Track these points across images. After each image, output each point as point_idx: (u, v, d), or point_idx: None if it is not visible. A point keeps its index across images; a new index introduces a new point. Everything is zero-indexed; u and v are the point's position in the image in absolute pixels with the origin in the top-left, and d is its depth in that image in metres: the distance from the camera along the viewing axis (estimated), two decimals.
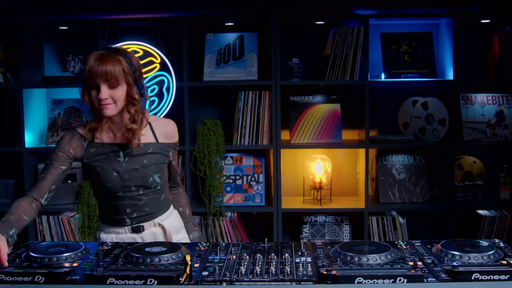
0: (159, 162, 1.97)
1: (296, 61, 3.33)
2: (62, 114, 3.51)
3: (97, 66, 1.78)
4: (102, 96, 1.78)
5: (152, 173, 1.95)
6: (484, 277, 1.41)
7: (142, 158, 1.93)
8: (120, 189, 1.93)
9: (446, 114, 3.30)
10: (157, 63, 3.22)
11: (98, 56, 1.80)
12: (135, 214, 1.96)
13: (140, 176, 1.93)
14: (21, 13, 3.14)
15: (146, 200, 1.97)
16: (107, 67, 1.77)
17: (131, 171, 1.92)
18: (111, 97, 1.80)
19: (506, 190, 3.34)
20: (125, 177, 1.92)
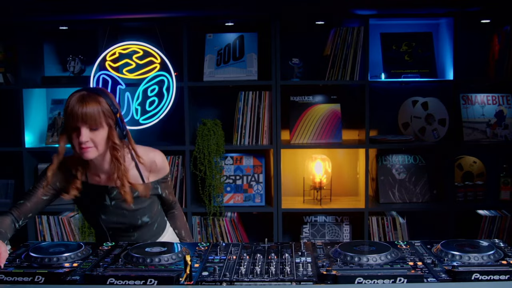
0: (147, 204, 1.94)
1: (296, 61, 3.33)
2: (62, 114, 3.51)
3: (77, 107, 1.71)
4: (83, 139, 1.72)
5: (139, 216, 1.93)
6: (484, 277, 1.41)
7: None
8: (110, 230, 1.94)
9: (446, 114, 3.30)
10: (157, 63, 3.22)
11: (79, 98, 1.73)
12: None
13: (128, 220, 1.93)
14: (21, 13, 3.14)
15: (138, 235, 1.98)
16: (87, 109, 1.72)
17: (118, 215, 1.91)
18: (92, 140, 1.74)
19: (506, 190, 3.34)
20: (113, 220, 1.92)
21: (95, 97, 1.75)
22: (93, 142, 1.75)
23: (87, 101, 1.73)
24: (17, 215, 1.85)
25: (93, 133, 1.75)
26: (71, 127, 1.75)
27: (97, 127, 1.75)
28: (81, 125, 1.72)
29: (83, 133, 1.73)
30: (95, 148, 1.77)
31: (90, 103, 1.73)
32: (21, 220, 1.86)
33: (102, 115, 1.75)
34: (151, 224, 2.00)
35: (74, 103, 1.73)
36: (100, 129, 1.76)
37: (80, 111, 1.71)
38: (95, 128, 1.75)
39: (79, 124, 1.72)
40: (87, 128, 1.74)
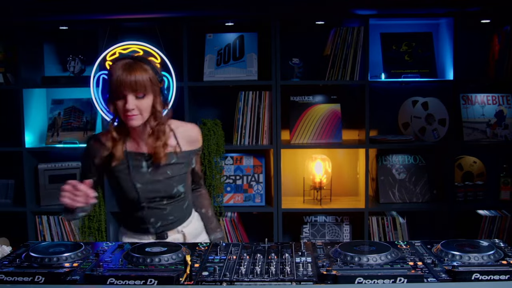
0: (183, 172, 1.94)
1: (296, 61, 3.33)
2: (62, 114, 3.51)
3: (125, 75, 1.73)
4: (129, 107, 1.74)
5: (175, 184, 1.92)
6: (484, 277, 1.41)
7: (165, 168, 1.90)
8: (144, 200, 1.90)
9: (446, 114, 3.30)
10: (157, 63, 3.21)
11: (126, 66, 1.75)
12: (159, 223, 1.94)
13: (163, 187, 1.90)
14: (21, 13, 3.14)
15: (170, 209, 1.95)
16: (135, 77, 1.73)
17: (155, 182, 1.89)
18: (138, 108, 1.76)
19: (506, 190, 3.34)
20: (149, 188, 1.89)
21: (141, 65, 1.76)
22: (139, 109, 1.77)
23: (134, 68, 1.74)
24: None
25: (139, 100, 1.76)
26: (118, 95, 1.75)
27: (144, 94, 1.76)
28: (128, 92, 1.74)
29: (129, 100, 1.74)
30: (141, 116, 1.79)
31: (138, 70, 1.74)
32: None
33: (149, 83, 1.76)
34: (183, 199, 1.98)
35: (121, 71, 1.73)
36: (146, 97, 1.77)
37: (128, 79, 1.72)
38: (141, 96, 1.76)
39: (126, 91, 1.74)
40: (134, 95, 1.75)
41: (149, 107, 1.79)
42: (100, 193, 3.35)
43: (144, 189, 1.89)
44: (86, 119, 3.50)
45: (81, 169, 1.93)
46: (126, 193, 1.90)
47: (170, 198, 1.94)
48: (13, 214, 3.47)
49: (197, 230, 2.07)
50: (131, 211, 1.94)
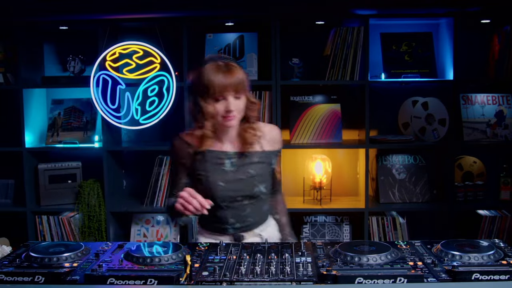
0: (265, 172, 1.94)
1: (296, 61, 3.33)
2: (62, 114, 3.51)
3: (226, 78, 1.74)
4: (231, 108, 1.76)
5: (257, 183, 1.90)
6: (484, 277, 1.41)
7: (248, 168, 1.89)
8: (226, 199, 1.88)
9: (446, 114, 3.30)
10: (157, 63, 3.22)
11: (221, 68, 1.76)
12: (237, 224, 1.93)
13: (245, 186, 1.89)
14: (21, 13, 3.14)
15: (250, 211, 1.93)
16: (236, 79, 1.75)
17: (237, 181, 1.88)
18: (236, 109, 1.79)
19: (506, 190, 3.34)
20: (231, 187, 1.88)
21: (235, 66, 1.80)
22: (237, 110, 1.80)
23: (231, 70, 1.77)
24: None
25: (237, 101, 1.79)
26: (216, 97, 1.76)
27: (241, 95, 1.79)
28: (228, 94, 1.76)
29: (231, 102, 1.76)
30: (238, 116, 1.82)
31: (234, 71, 1.77)
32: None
33: (245, 82, 1.80)
34: (264, 200, 1.97)
35: (220, 73, 1.75)
36: (242, 97, 1.80)
37: (229, 80, 1.75)
38: (238, 97, 1.79)
39: (226, 93, 1.76)
40: (233, 96, 1.77)
41: (243, 107, 1.82)
42: (100, 193, 3.36)
43: (227, 188, 1.87)
44: (86, 119, 3.50)
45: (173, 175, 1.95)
46: (208, 192, 1.87)
47: (251, 198, 1.92)
48: (13, 214, 3.47)
49: (274, 236, 2.03)
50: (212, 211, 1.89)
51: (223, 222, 1.92)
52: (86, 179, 3.41)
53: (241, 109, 1.82)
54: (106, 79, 3.21)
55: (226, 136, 1.90)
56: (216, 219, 1.93)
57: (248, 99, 1.84)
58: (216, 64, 1.78)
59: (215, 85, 1.75)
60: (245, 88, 1.80)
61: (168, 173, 3.36)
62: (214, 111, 1.79)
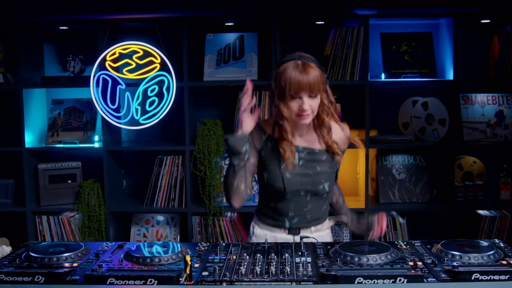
0: (331, 171, 1.94)
1: None
2: (62, 114, 3.51)
3: (300, 76, 1.76)
4: (305, 107, 1.77)
5: (323, 181, 1.91)
6: (484, 277, 1.41)
7: (315, 164, 1.91)
8: (289, 192, 1.89)
9: (446, 114, 3.30)
10: (157, 63, 3.22)
11: (298, 66, 1.78)
12: (296, 219, 1.93)
13: (311, 182, 1.90)
14: (21, 13, 3.14)
15: (311, 207, 1.94)
16: (312, 79, 1.77)
17: (303, 176, 1.89)
18: (311, 107, 1.80)
19: (506, 190, 3.34)
20: (296, 181, 1.88)
21: (312, 65, 1.80)
22: (311, 108, 1.81)
23: (307, 69, 1.78)
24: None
25: (312, 100, 1.80)
26: (291, 95, 1.78)
27: (317, 94, 1.80)
28: (303, 93, 1.77)
29: (305, 101, 1.78)
30: (312, 114, 1.82)
31: (311, 71, 1.78)
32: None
33: (321, 82, 1.80)
34: (325, 199, 1.98)
35: (297, 72, 1.77)
36: (317, 96, 1.81)
37: (305, 80, 1.76)
38: (314, 96, 1.80)
39: (301, 92, 1.77)
40: (308, 96, 1.78)
41: (318, 105, 1.83)
42: (100, 193, 3.36)
43: (292, 180, 1.88)
44: (86, 119, 3.50)
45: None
46: (273, 182, 1.88)
47: (314, 195, 1.92)
48: (13, 214, 3.47)
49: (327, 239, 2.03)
50: (273, 202, 1.93)
51: (282, 214, 1.93)
52: (86, 179, 3.41)
53: (315, 107, 1.82)
54: (106, 79, 3.21)
55: (299, 131, 1.91)
56: (276, 211, 1.94)
57: (323, 99, 1.85)
58: (293, 62, 1.80)
59: (289, 84, 1.77)
60: (320, 88, 1.80)
61: (168, 173, 3.36)
62: (289, 109, 1.81)
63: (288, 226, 1.94)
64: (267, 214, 1.99)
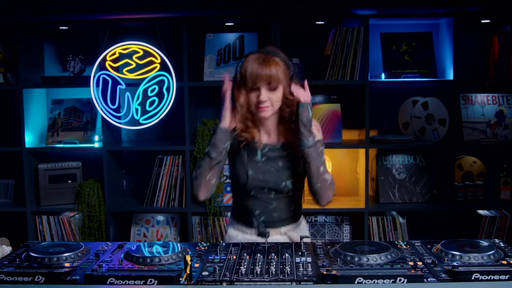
0: (294, 166, 1.93)
1: (296, 61, 3.33)
2: (62, 114, 3.51)
3: (260, 69, 1.78)
4: (263, 99, 1.79)
5: (285, 178, 1.91)
6: (484, 277, 1.41)
7: (278, 160, 1.91)
8: (253, 188, 1.91)
9: (446, 114, 3.30)
10: (157, 63, 3.22)
11: (261, 59, 1.81)
12: (263, 217, 1.94)
13: (273, 179, 1.90)
14: (21, 13, 3.14)
15: (276, 205, 1.94)
16: (270, 70, 1.79)
17: (265, 172, 1.90)
18: (269, 99, 1.81)
19: (506, 190, 3.34)
20: (259, 178, 1.90)
21: (274, 59, 1.81)
22: (271, 101, 1.82)
23: (268, 61, 1.80)
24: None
25: (272, 92, 1.81)
26: (250, 87, 1.81)
27: (276, 87, 1.81)
28: (261, 84, 1.79)
29: (263, 93, 1.80)
30: (271, 107, 1.83)
31: (272, 64, 1.80)
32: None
33: (282, 76, 1.81)
34: (291, 198, 1.97)
35: (256, 64, 1.80)
36: (277, 89, 1.82)
37: (263, 72, 1.78)
38: (274, 88, 1.81)
39: (260, 84, 1.79)
40: (267, 88, 1.80)
41: (279, 99, 1.84)
42: (100, 193, 3.36)
43: (255, 177, 1.90)
44: (86, 119, 3.50)
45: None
46: (238, 179, 1.92)
47: (278, 192, 1.93)
48: (13, 214, 3.47)
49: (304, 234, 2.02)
50: (241, 199, 1.96)
51: (249, 213, 1.95)
52: (86, 179, 3.41)
53: (275, 100, 1.83)
54: (106, 79, 3.21)
55: (263, 127, 1.92)
56: (245, 209, 1.96)
57: (286, 94, 1.85)
58: (257, 56, 1.82)
59: (248, 75, 1.80)
60: (280, 82, 1.80)
61: (168, 174, 3.36)
62: (249, 101, 1.84)
63: (256, 225, 1.95)
64: (238, 213, 2.01)
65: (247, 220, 1.96)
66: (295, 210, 2.02)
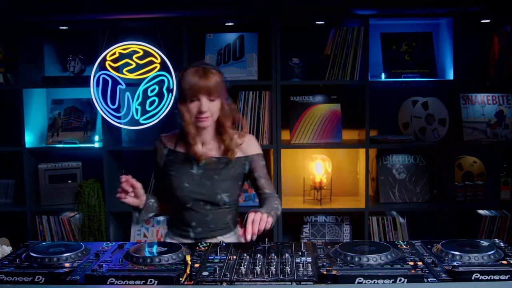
0: (230, 179, 1.98)
1: (296, 61, 3.33)
2: (62, 114, 3.51)
3: (199, 81, 1.85)
4: (203, 109, 1.86)
5: (220, 191, 1.96)
6: (484, 277, 1.41)
7: (213, 173, 1.97)
8: (189, 201, 1.97)
9: (446, 114, 3.30)
10: (157, 63, 3.22)
11: (199, 71, 1.88)
12: (199, 228, 1.99)
13: (208, 192, 1.96)
14: (21, 13, 3.14)
15: (213, 217, 1.99)
16: (210, 82, 1.86)
17: (201, 186, 1.96)
18: (210, 110, 1.88)
19: (506, 190, 3.34)
20: (195, 190, 1.96)
21: (213, 71, 1.91)
22: (210, 111, 1.89)
23: (207, 74, 1.88)
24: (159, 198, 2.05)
25: (211, 103, 1.89)
26: (191, 98, 1.88)
27: (215, 98, 1.89)
28: (202, 95, 1.87)
29: (203, 103, 1.87)
30: (211, 118, 1.91)
31: (211, 76, 1.88)
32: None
33: (220, 87, 1.91)
34: (227, 211, 2.01)
35: (195, 76, 1.87)
36: (216, 100, 1.91)
37: (204, 83, 1.86)
38: (213, 99, 1.89)
39: (200, 95, 1.87)
40: (207, 99, 1.88)
41: (218, 110, 1.92)
42: (100, 193, 3.36)
43: (191, 190, 1.96)
44: (86, 119, 3.50)
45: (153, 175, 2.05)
46: (174, 191, 1.97)
47: (214, 205, 1.98)
48: (13, 214, 3.47)
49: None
50: (177, 211, 2.01)
51: (186, 224, 2.00)
52: (86, 179, 3.41)
53: (214, 111, 1.90)
54: (106, 79, 3.21)
55: (200, 139, 1.98)
56: (181, 221, 2.01)
57: (223, 105, 1.93)
58: (197, 68, 1.90)
59: (189, 87, 1.86)
60: (219, 93, 1.89)
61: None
62: (189, 112, 1.90)
63: (193, 236, 1.99)
64: (175, 225, 2.05)
65: (184, 231, 2.01)
66: (232, 219, 2.07)
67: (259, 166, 2.05)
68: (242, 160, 2.01)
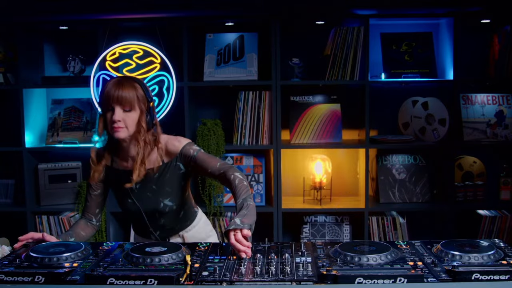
0: (169, 184, 2.00)
1: (296, 61, 3.33)
2: (62, 114, 3.51)
3: (113, 90, 1.86)
4: (116, 118, 1.85)
5: (162, 198, 2.00)
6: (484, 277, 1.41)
7: (151, 184, 1.99)
8: (137, 214, 2.02)
9: (446, 114, 3.30)
10: (157, 63, 3.23)
11: (116, 81, 1.89)
12: (158, 231, 2.07)
13: (151, 202, 2.00)
14: (21, 13, 3.14)
15: (164, 221, 2.05)
16: (123, 92, 1.86)
17: (143, 198, 2.00)
18: (123, 121, 1.87)
19: (506, 190, 3.34)
20: (139, 204, 2.00)
21: (131, 82, 1.90)
22: (125, 122, 1.88)
23: (123, 84, 1.88)
24: (88, 216, 2.07)
25: (126, 114, 1.88)
26: (106, 108, 1.88)
27: (130, 108, 1.88)
28: (115, 105, 1.86)
29: (116, 112, 1.86)
30: (126, 129, 1.89)
31: (126, 86, 1.88)
32: (94, 219, 2.07)
33: (136, 99, 1.88)
34: (176, 210, 2.05)
35: (111, 85, 1.88)
36: (132, 111, 1.89)
37: (116, 93, 1.85)
38: (128, 110, 1.88)
39: (113, 104, 1.86)
40: (121, 108, 1.87)
41: (134, 122, 1.90)
42: None
43: (135, 205, 2.01)
44: (86, 119, 3.50)
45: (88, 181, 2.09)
46: (121, 207, 2.05)
47: (161, 213, 2.02)
48: (13, 214, 3.47)
49: (201, 234, 2.15)
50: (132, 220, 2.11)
51: (144, 229, 2.08)
52: (86, 179, 3.40)
53: (129, 122, 1.88)
54: (106, 79, 3.21)
55: (128, 154, 1.98)
56: (139, 226, 2.10)
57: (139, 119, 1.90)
58: (115, 79, 1.92)
59: (104, 96, 1.88)
60: (134, 104, 1.87)
61: None
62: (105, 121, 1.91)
63: (155, 238, 2.07)
64: (135, 229, 2.15)
65: (145, 234, 2.09)
66: (185, 214, 2.10)
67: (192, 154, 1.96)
68: (173, 162, 1.99)
